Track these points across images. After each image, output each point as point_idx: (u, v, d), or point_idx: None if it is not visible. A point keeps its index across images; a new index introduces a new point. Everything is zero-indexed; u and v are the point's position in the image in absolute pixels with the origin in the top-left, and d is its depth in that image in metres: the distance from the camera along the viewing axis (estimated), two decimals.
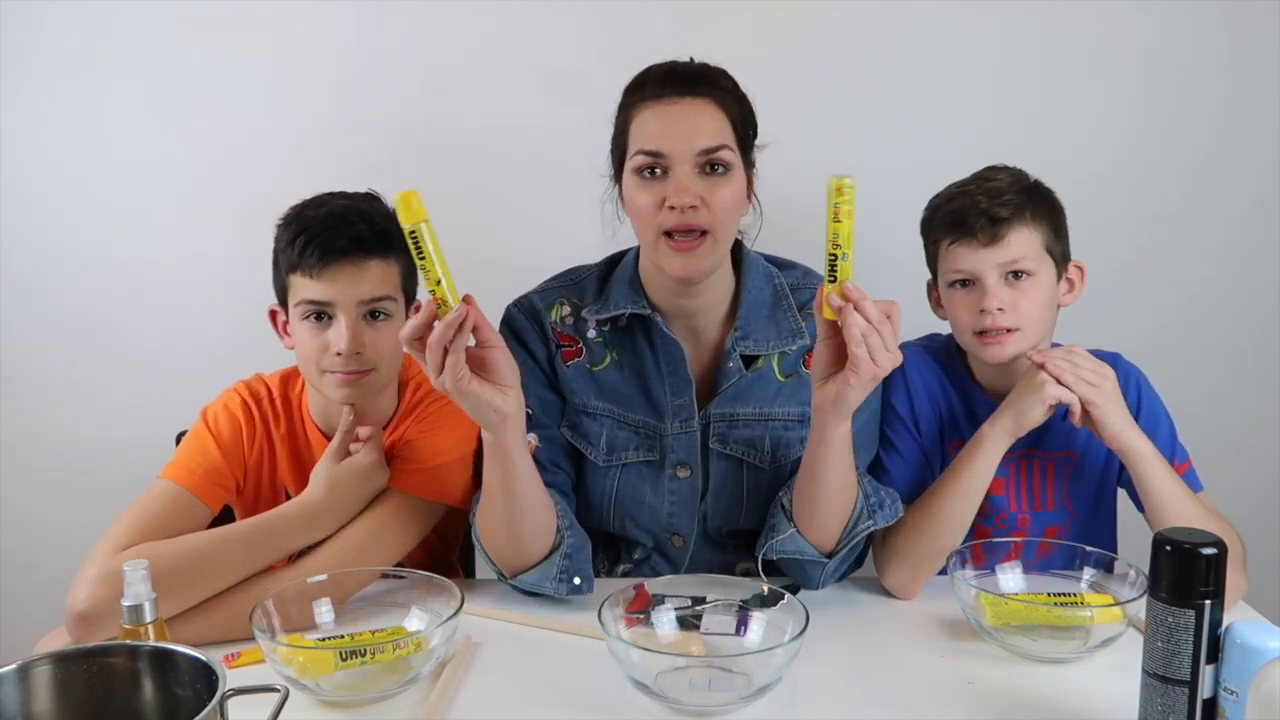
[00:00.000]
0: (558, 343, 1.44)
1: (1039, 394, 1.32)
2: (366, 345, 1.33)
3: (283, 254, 1.34)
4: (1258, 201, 1.92)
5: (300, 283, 1.32)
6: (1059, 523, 1.46)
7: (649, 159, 1.30)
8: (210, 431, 1.39)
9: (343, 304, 1.32)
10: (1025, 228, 1.36)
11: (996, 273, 1.36)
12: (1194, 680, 0.95)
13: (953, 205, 1.39)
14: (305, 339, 1.34)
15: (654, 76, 1.33)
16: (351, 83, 1.88)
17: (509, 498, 1.26)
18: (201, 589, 1.22)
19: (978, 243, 1.36)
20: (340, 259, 1.30)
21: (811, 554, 1.31)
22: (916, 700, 1.13)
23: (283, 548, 1.29)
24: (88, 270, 1.94)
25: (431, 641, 1.13)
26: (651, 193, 1.30)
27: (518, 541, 1.30)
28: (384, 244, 1.33)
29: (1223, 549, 0.95)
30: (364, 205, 1.35)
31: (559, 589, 1.31)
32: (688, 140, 1.28)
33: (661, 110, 1.31)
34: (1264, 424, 1.99)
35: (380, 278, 1.33)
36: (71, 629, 1.18)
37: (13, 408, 1.98)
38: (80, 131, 1.89)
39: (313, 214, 1.34)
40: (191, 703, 0.89)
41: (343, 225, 1.31)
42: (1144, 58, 1.88)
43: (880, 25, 1.85)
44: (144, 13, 1.85)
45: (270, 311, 1.42)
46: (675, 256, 1.31)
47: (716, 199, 1.29)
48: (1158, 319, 1.93)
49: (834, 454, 1.23)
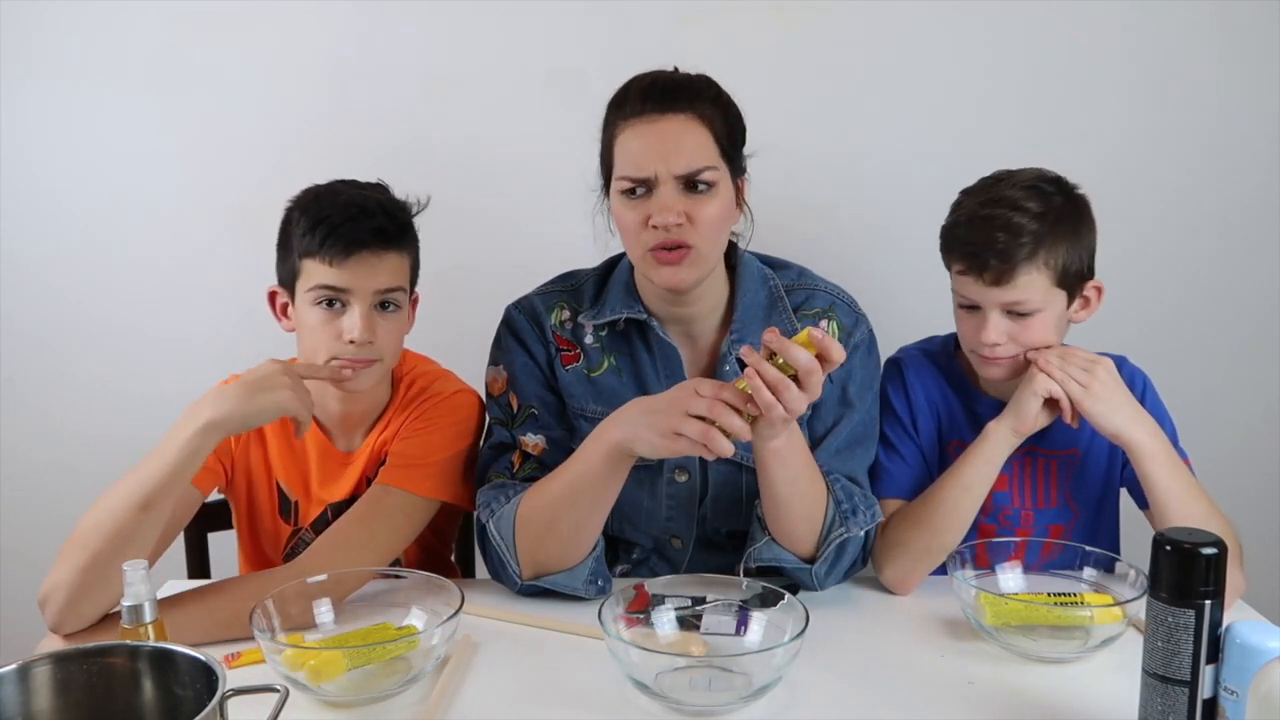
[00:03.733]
0: (557, 346, 1.44)
1: (1031, 386, 1.34)
2: (377, 335, 1.34)
3: (299, 239, 1.34)
4: (1255, 200, 1.92)
5: (316, 268, 1.32)
6: (1062, 520, 1.46)
7: (632, 183, 1.30)
8: None
9: (359, 293, 1.33)
10: (1035, 271, 1.33)
11: (999, 309, 1.36)
12: (1194, 680, 0.95)
13: (971, 235, 1.36)
14: (315, 325, 1.34)
15: (635, 93, 1.32)
16: (351, 82, 1.88)
17: (595, 506, 1.28)
18: (121, 554, 1.13)
19: (984, 281, 1.34)
20: (361, 249, 1.32)
21: (791, 561, 1.32)
22: (916, 700, 1.13)
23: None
24: (87, 269, 1.94)
25: (431, 641, 1.13)
26: (636, 211, 1.30)
27: (575, 544, 1.31)
28: (402, 236, 1.36)
29: (1223, 549, 0.95)
30: (382, 197, 1.38)
31: (589, 590, 1.33)
32: (668, 163, 1.28)
33: (643, 130, 1.29)
34: (1264, 423, 1.99)
35: (395, 269, 1.35)
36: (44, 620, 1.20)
37: (13, 408, 1.98)
38: (79, 130, 1.89)
39: (332, 201, 1.35)
40: (191, 703, 0.89)
41: (365, 216, 1.32)
42: (1144, 57, 1.87)
43: (880, 25, 1.85)
44: (143, 12, 1.85)
45: (270, 293, 1.42)
46: (661, 269, 1.31)
47: (701, 216, 1.29)
48: (1156, 318, 1.92)
49: (774, 466, 1.24)
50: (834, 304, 1.44)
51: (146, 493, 1.18)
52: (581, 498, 1.27)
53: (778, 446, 1.22)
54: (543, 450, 1.40)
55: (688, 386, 1.19)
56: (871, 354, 1.45)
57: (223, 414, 1.20)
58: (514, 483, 1.37)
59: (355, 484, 1.43)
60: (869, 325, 1.45)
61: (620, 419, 1.24)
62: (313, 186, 1.39)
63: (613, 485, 1.27)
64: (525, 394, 1.42)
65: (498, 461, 1.41)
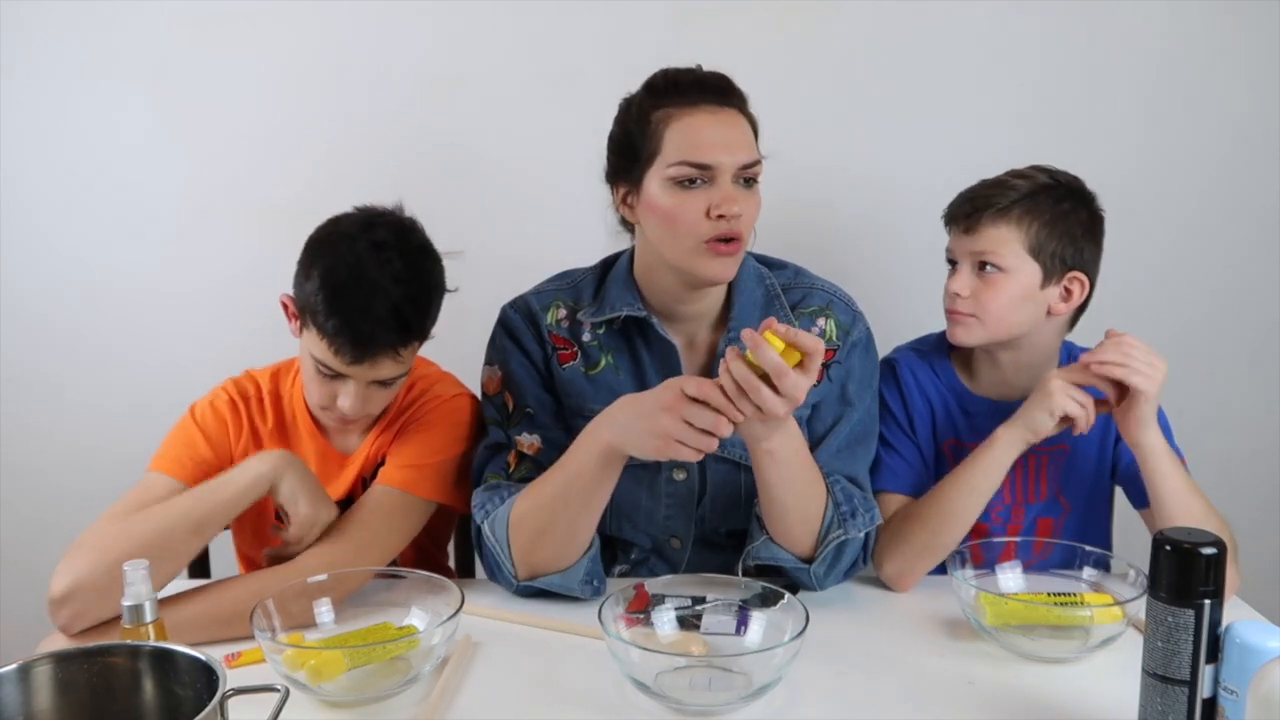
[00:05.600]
0: (553, 345, 1.44)
1: (1048, 404, 1.33)
2: (371, 404, 1.35)
3: (311, 313, 1.28)
4: (1256, 200, 1.92)
5: (322, 347, 1.28)
6: (1052, 515, 1.47)
7: (695, 170, 1.29)
8: (197, 424, 1.41)
9: (359, 378, 1.32)
10: (1004, 224, 1.37)
11: (969, 260, 1.41)
12: (1194, 680, 0.95)
13: (963, 192, 1.44)
14: (311, 377, 1.34)
15: (687, 82, 1.32)
16: (352, 82, 1.87)
17: (589, 506, 1.28)
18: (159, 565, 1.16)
19: (959, 228, 1.42)
20: (375, 355, 1.28)
21: (789, 560, 1.31)
22: (916, 700, 1.13)
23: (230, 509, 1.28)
24: (87, 270, 1.93)
25: (431, 641, 1.13)
26: (695, 201, 1.29)
27: (570, 544, 1.31)
28: (417, 334, 1.33)
29: (1222, 549, 0.95)
30: (413, 288, 1.29)
31: (584, 590, 1.33)
32: (733, 154, 1.29)
33: (705, 119, 1.30)
34: (1264, 423, 1.99)
35: (403, 358, 1.33)
36: (52, 615, 1.20)
37: (13, 408, 1.98)
38: (79, 132, 1.89)
39: (354, 291, 1.26)
40: (191, 703, 0.89)
41: (384, 328, 1.27)
42: (1147, 61, 1.88)
43: (881, 25, 1.85)
44: (145, 13, 1.85)
45: (283, 301, 1.38)
46: (717, 260, 1.30)
47: (749, 209, 1.31)
48: (1158, 318, 1.92)
49: (768, 467, 1.24)
50: (831, 302, 1.43)
51: (202, 518, 1.26)
52: (575, 498, 1.27)
53: (771, 447, 1.22)
54: (538, 450, 1.40)
55: (673, 386, 1.16)
56: (870, 352, 1.45)
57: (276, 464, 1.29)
58: (509, 484, 1.37)
59: (352, 485, 1.44)
60: (866, 324, 1.45)
61: (611, 420, 1.23)
62: (337, 240, 1.30)
63: (606, 484, 1.27)
64: (521, 394, 1.42)
65: (493, 462, 1.41)
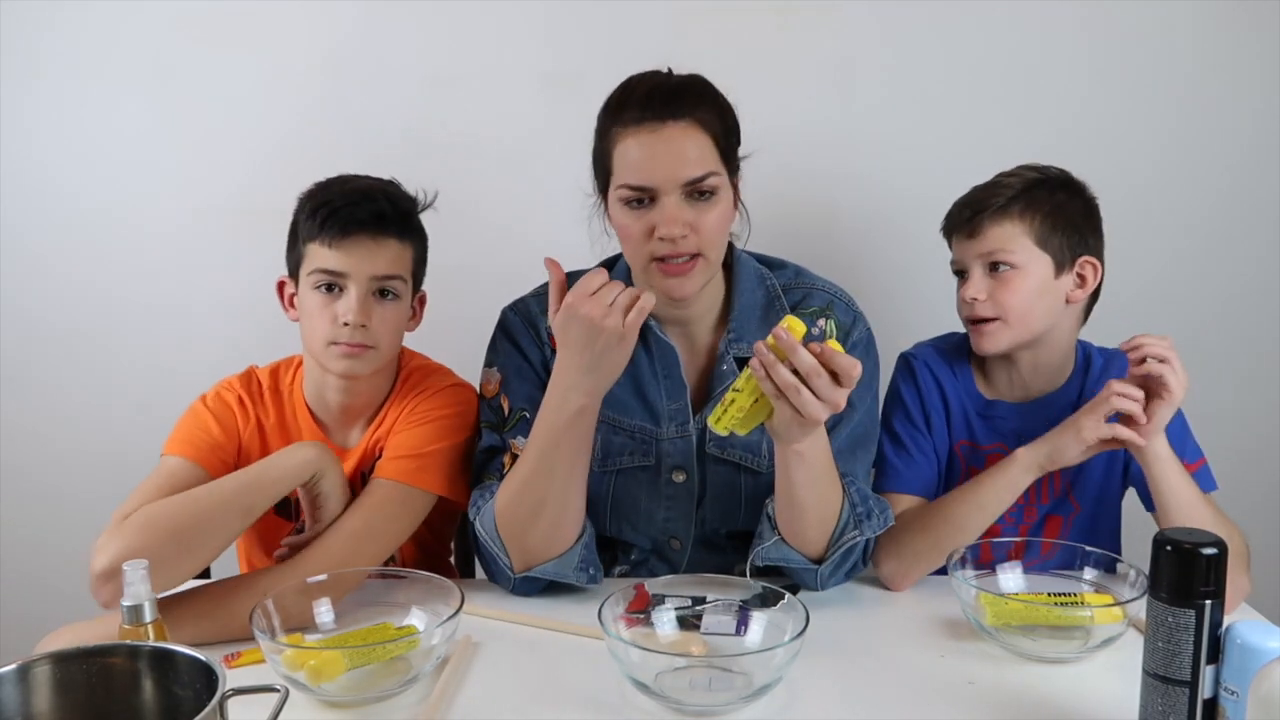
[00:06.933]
0: (552, 348, 1.44)
1: (1078, 434, 1.33)
2: (373, 321, 1.35)
3: (303, 224, 1.37)
4: (1256, 201, 1.92)
5: (317, 251, 1.35)
6: (1062, 513, 1.47)
7: (635, 192, 1.29)
8: (209, 410, 1.42)
9: (356, 276, 1.34)
10: (1007, 221, 1.38)
11: (980, 264, 1.40)
12: (1194, 680, 0.95)
13: (959, 199, 1.44)
14: (313, 310, 1.36)
15: (634, 99, 1.30)
16: (350, 82, 1.87)
17: (573, 472, 1.27)
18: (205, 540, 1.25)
19: (962, 234, 1.41)
20: (359, 231, 1.34)
21: (799, 561, 1.31)
22: (916, 700, 1.13)
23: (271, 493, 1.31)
24: (87, 270, 1.93)
25: (431, 641, 1.13)
26: (640, 222, 1.29)
27: (558, 527, 1.30)
28: (403, 224, 1.38)
29: (1223, 549, 0.95)
30: (388, 186, 1.40)
31: (580, 577, 1.33)
32: (673, 172, 1.27)
33: (644, 139, 1.28)
34: (1265, 423, 1.99)
35: (395, 256, 1.37)
36: (96, 592, 1.19)
37: (13, 408, 1.98)
38: (80, 131, 1.89)
39: (338, 188, 1.38)
40: (191, 703, 0.89)
41: (366, 200, 1.35)
42: (1147, 58, 1.87)
43: (881, 24, 1.85)
44: (145, 12, 1.85)
45: (279, 283, 1.44)
46: (668, 280, 1.31)
47: (705, 223, 1.29)
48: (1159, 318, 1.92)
49: (795, 468, 1.23)
50: (831, 302, 1.43)
51: (250, 499, 1.28)
52: (559, 466, 1.27)
53: (801, 449, 1.21)
54: None
55: (578, 289, 1.22)
56: (870, 353, 1.44)
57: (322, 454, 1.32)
58: (501, 484, 1.37)
59: (350, 479, 1.43)
60: (867, 324, 1.44)
61: (571, 384, 1.24)
62: (324, 178, 1.42)
63: (584, 445, 1.27)
64: (517, 396, 1.42)
65: (490, 464, 1.41)
